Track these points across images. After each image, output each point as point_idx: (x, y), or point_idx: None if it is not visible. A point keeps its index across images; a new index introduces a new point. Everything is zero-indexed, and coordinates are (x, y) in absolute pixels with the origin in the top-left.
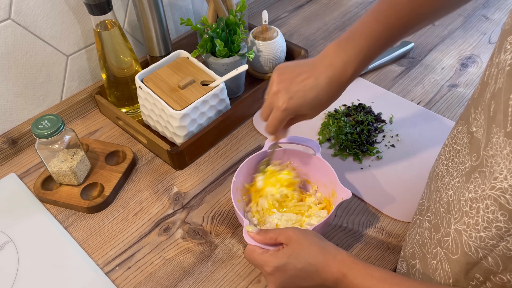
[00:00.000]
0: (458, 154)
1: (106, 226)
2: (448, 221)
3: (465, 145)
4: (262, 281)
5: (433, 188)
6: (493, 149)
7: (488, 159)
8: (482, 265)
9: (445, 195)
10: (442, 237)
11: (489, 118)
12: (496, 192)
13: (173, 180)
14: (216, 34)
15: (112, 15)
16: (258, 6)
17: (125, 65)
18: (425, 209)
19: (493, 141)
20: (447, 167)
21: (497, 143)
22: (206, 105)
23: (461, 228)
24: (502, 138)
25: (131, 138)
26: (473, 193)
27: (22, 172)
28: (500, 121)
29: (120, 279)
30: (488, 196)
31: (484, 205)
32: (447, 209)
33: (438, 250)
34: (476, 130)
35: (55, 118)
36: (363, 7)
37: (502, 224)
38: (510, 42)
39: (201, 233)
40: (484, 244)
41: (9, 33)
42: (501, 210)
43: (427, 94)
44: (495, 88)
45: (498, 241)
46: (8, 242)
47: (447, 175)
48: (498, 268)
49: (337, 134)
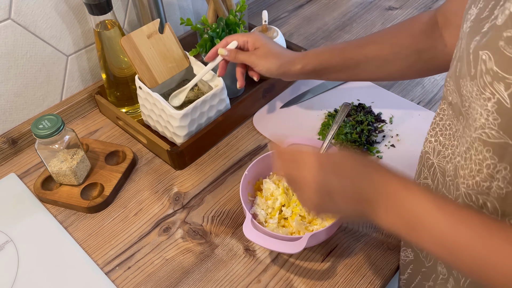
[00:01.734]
0: (450, 126)
1: (106, 226)
2: (457, 185)
3: (451, 116)
4: (262, 281)
5: (421, 167)
6: (466, 100)
7: (467, 111)
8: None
9: (452, 165)
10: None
11: (456, 77)
12: (478, 132)
13: (173, 180)
14: (216, 34)
15: (112, 15)
16: (258, 6)
17: (125, 65)
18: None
19: (463, 93)
20: (438, 142)
21: (467, 92)
22: (206, 105)
23: (459, 181)
24: (468, 84)
25: (131, 138)
26: (466, 143)
27: (22, 172)
28: (465, 72)
29: (120, 279)
30: (474, 139)
31: (474, 150)
32: (453, 175)
33: None
34: (451, 98)
35: (55, 118)
36: (363, 7)
37: (490, 161)
38: (470, 13)
39: (201, 233)
40: (480, 188)
41: (9, 33)
42: (485, 147)
43: (427, 94)
44: (460, 53)
45: (490, 181)
46: (8, 242)
47: (444, 148)
48: (498, 215)
49: (337, 134)
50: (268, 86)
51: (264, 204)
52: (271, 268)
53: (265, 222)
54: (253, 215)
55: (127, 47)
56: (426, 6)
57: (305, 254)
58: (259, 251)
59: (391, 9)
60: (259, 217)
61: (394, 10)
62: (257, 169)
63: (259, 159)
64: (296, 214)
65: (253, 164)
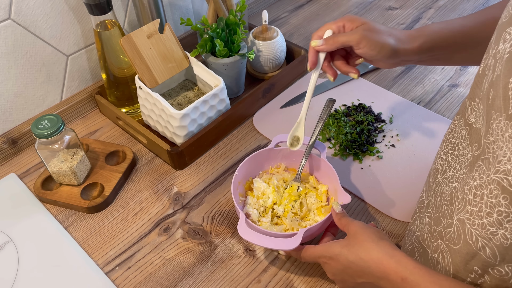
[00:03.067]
0: (458, 147)
1: (106, 226)
2: (451, 213)
3: (464, 137)
4: (262, 281)
5: (432, 184)
6: (494, 135)
7: (490, 145)
8: (480, 257)
9: (448, 188)
10: (444, 229)
11: (488, 106)
12: (499, 176)
13: (173, 180)
14: (216, 34)
15: (112, 15)
16: (258, 6)
17: (125, 65)
18: (425, 205)
19: (493, 127)
20: (447, 161)
21: (498, 127)
22: (206, 105)
23: (464, 217)
24: (503, 121)
25: (131, 138)
26: (478, 180)
27: (22, 172)
28: (500, 106)
29: (120, 279)
30: (492, 180)
31: (488, 191)
32: (449, 201)
33: (439, 243)
34: (475, 120)
35: (55, 118)
36: (363, 7)
37: (503, 209)
38: (509, 33)
39: (201, 233)
40: (485, 231)
41: (9, 33)
42: (503, 193)
43: (427, 94)
44: (493, 76)
45: (497, 228)
46: (8, 242)
47: (449, 169)
48: (496, 260)
49: (337, 134)
50: (268, 86)
51: (256, 203)
52: (271, 268)
53: (258, 221)
54: (245, 215)
55: (127, 47)
56: (426, 6)
57: None
58: (259, 251)
59: (391, 9)
60: (252, 217)
61: (394, 10)
62: (247, 169)
63: (248, 158)
64: (289, 211)
65: (242, 164)
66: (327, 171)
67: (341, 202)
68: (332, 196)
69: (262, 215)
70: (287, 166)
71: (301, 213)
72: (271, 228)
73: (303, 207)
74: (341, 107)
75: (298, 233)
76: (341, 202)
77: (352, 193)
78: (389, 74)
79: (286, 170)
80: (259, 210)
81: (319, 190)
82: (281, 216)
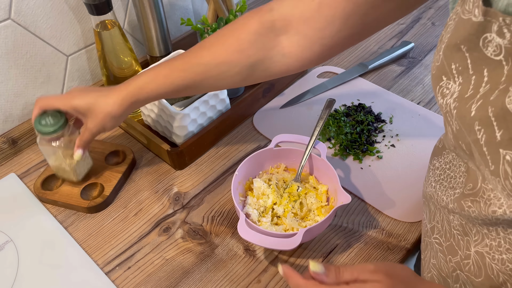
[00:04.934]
0: (450, 180)
1: (106, 226)
2: (467, 244)
3: (461, 173)
4: (262, 281)
5: (434, 209)
6: (491, 183)
7: (486, 192)
8: None
9: (454, 218)
10: (461, 260)
11: (464, 150)
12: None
13: (173, 180)
14: None
15: (112, 15)
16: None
17: (125, 65)
18: (429, 230)
19: (487, 176)
20: (435, 189)
21: (487, 180)
22: (206, 105)
23: (483, 250)
24: (490, 176)
25: (131, 138)
26: (480, 220)
27: (22, 172)
28: (479, 159)
29: (120, 279)
30: (501, 220)
31: (501, 227)
32: (462, 231)
33: (459, 274)
34: (468, 162)
35: (58, 115)
36: None
37: None
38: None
39: (201, 233)
40: (505, 267)
41: (9, 33)
42: None
43: (427, 94)
44: (459, 119)
45: None
46: (8, 242)
47: (440, 199)
48: None
49: (337, 134)
50: (268, 86)
51: (256, 203)
52: (271, 268)
53: (258, 221)
54: (246, 215)
55: None
56: (426, 6)
57: (305, 254)
58: (259, 251)
59: None
60: (252, 217)
61: None
62: (247, 169)
63: (248, 158)
64: (289, 211)
65: (242, 164)
66: (327, 171)
67: (341, 202)
68: (332, 196)
69: (262, 215)
70: (287, 166)
71: (301, 213)
72: (271, 228)
73: (303, 207)
74: (341, 107)
75: (298, 233)
76: (341, 202)
77: (352, 193)
78: (389, 74)
79: (286, 170)
80: (259, 210)
81: (319, 190)
82: (281, 216)
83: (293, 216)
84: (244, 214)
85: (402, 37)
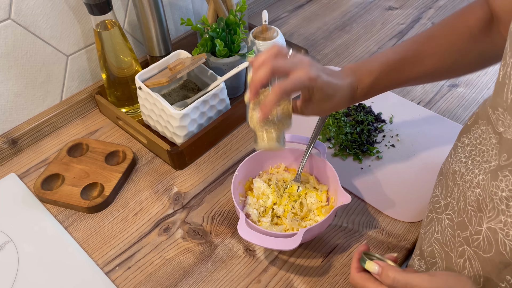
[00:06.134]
0: (483, 154)
1: (106, 226)
2: (479, 220)
3: (493, 145)
4: (262, 281)
5: (453, 186)
6: None
7: None
8: None
9: (472, 193)
10: (471, 236)
11: None
12: None
13: (173, 180)
14: (216, 34)
15: (112, 15)
16: (258, 6)
17: (125, 65)
18: (442, 206)
19: None
20: (466, 164)
21: None
22: (206, 105)
23: (496, 226)
24: None
25: (131, 138)
26: (507, 191)
27: (22, 172)
28: None
29: (120, 279)
30: None
31: None
32: (476, 207)
33: (466, 249)
34: (504, 130)
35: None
36: (363, 7)
37: None
38: None
39: (201, 233)
40: None
41: (9, 33)
42: None
43: (427, 94)
44: None
45: None
46: (8, 242)
47: (467, 173)
48: None
49: (337, 134)
50: None
51: (256, 203)
52: (271, 268)
53: (258, 222)
54: (246, 215)
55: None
56: (426, 6)
57: (305, 254)
58: (259, 251)
59: (391, 9)
60: (252, 217)
61: (394, 10)
62: (247, 169)
63: (248, 158)
64: (288, 211)
65: (242, 164)
66: (327, 171)
67: (341, 202)
68: (332, 197)
69: (262, 215)
70: (287, 166)
71: (301, 213)
72: (271, 228)
73: (303, 207)
74: None
75: (298, 233)
76: (341, 202)
77: (352, 193)
78: None
79: (286, 170)
80: (259, 210)
81: (319, 190)
82: (281, 216)
83: (293, 216)
84: (244, 214)
85: (402, 37)
